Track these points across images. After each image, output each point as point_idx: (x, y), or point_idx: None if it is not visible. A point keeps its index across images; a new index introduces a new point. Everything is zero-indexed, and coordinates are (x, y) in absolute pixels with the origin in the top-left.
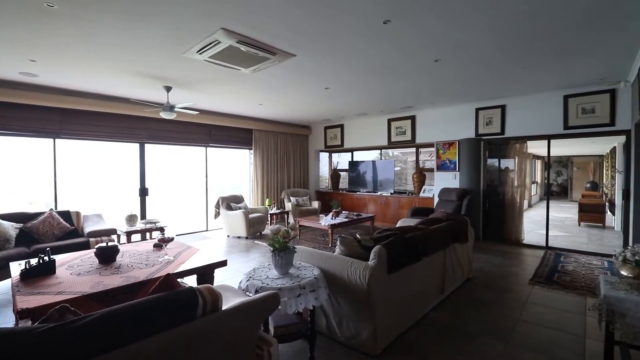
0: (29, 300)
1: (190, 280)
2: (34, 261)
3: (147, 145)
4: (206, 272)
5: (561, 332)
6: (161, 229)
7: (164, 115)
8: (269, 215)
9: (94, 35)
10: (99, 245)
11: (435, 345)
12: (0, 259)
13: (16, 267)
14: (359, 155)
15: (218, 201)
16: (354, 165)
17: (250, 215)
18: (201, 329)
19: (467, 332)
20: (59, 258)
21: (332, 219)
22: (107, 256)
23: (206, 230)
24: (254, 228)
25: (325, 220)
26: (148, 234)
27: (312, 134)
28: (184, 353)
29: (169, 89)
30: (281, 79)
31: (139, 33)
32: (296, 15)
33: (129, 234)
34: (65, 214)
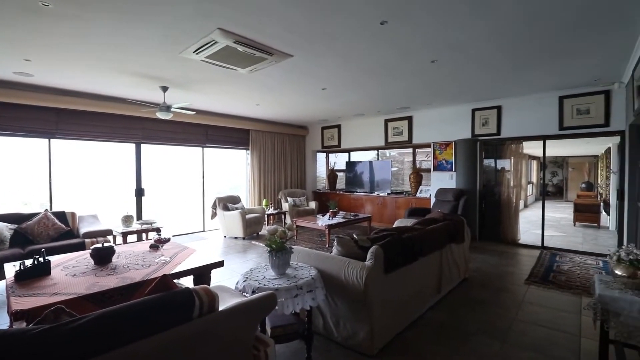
0: (24, 302)
1: (187, 281)
2: (28, 262)
3: (144, 146)
4: (203, 273)
5: (557, 331)
6: (157, 230)
7: (161, 115)
8: (266, 216)
9: (90, 35)
10: (94, 246)
11: (431, 345)
12: None
13: (11, 269)
14: (356, 156)
15: (215, 201)
16: (351, 165)
17: (247, 216)
18: (198, 330)
19: (464, 332)
20: (54, 259)
21: (329, 219)
22: (103, 257)
23: (203, 231)
24: (251, 228)
25: (323, 221)
26: (144, 235)
27: (309, 134)
28: (181, 354)
29: (165, 89)
30: (278, 80)
31: (135, 33)
32: (293, 16)
33: (125, 234)
34: (61, 215)
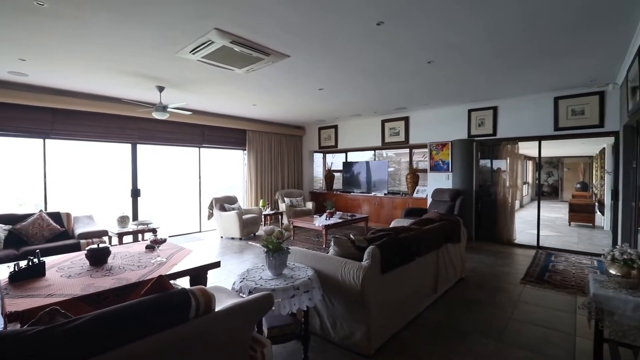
0: (18, 303)
1: (184, 282)
2: (23, 263)
3: (140, 146)
4: (199, 274)
5: (552, 330)
6: (153, 231)
7: (157, 115)
8: (262, 216)
9: (86, 35)
10: (89, 247)
11: (428, 344)
12: None
13: (4, 270)
14: (353, 156)
15: (211, 202)
16: (348, 165)
17: (244, 216)
18: (194, 331)
19: (460, 331)
20: (49, 260)
21: (326, 219)
22: (98, 258)
23: (199, 232)
24: (248, 229)
25: (319, 221)
26: (140, 236)
27: (306, 135)
28: (177, 355)
29: (161, 89)
30: (275, 80)
31: (131, 32)
32: (290, 16)
33: (121, 235)
34: (56, 216)
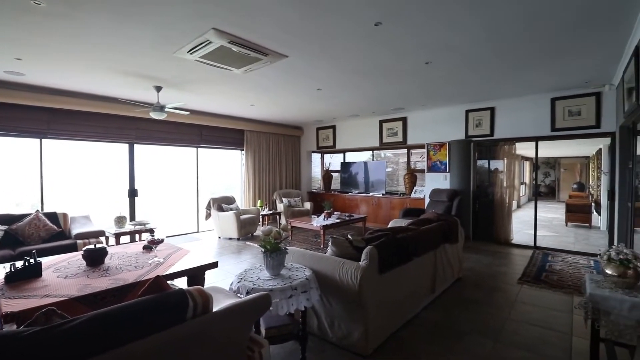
0: (14, 304)
1: (181, 282)
2: (19, 264)
3: (137, 146)
4: (197, 274)
5: (549, 330)
6: (151, 231)
7: (154, 115)
8: (260, 217)
9: (83, 35)
10: (86, 247)
11: (426, 344)
12: None
13: (0, 270)
14: (351, 156)
15: (209, 202)
16: (346, 166)
17: (241, 217)
18: (192, 331)
19: (457, 331)
20: (46, 260)
21: (324, 219)
22: (95, 258)
23: (197, 232)
24: (246, 229)
25: (317, 221)
26: (137, 236)
27: (304, 135)
28: (174, 356)
29: (159, 89)
30: (273, 80)
31: (129, 32)
32: (288, 17)
33: (118, 235)
34: (52, 216)
